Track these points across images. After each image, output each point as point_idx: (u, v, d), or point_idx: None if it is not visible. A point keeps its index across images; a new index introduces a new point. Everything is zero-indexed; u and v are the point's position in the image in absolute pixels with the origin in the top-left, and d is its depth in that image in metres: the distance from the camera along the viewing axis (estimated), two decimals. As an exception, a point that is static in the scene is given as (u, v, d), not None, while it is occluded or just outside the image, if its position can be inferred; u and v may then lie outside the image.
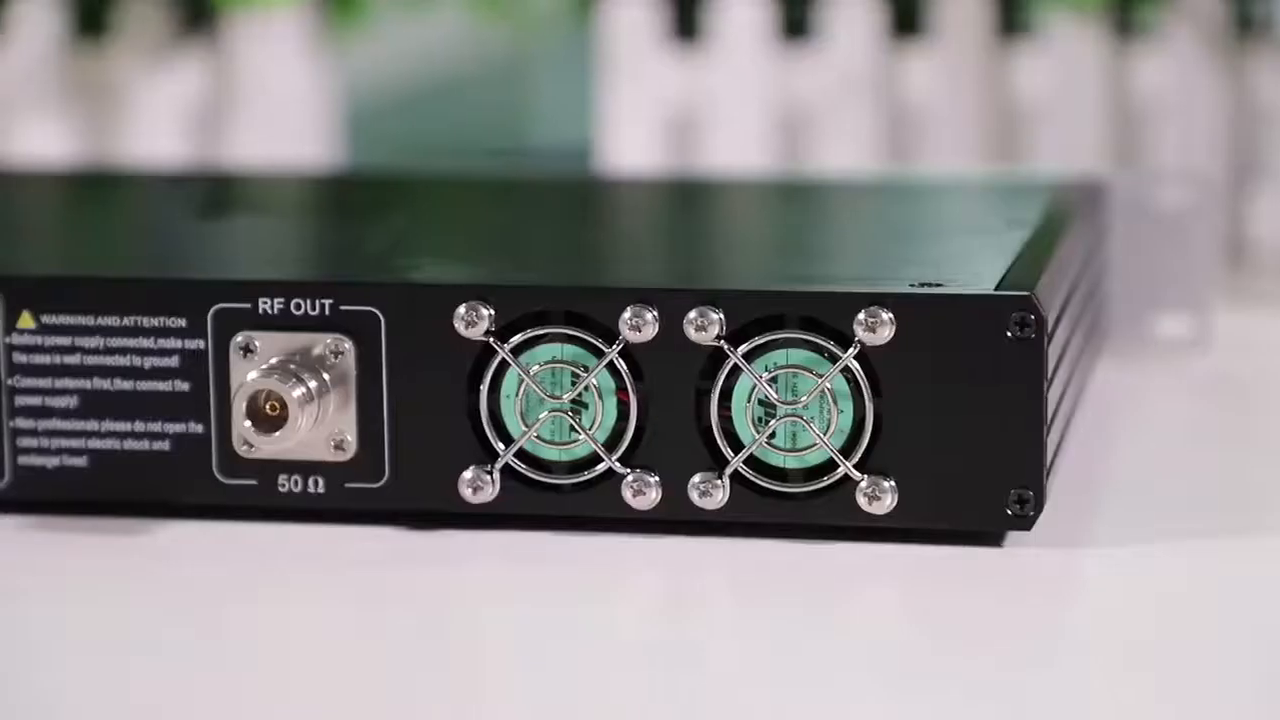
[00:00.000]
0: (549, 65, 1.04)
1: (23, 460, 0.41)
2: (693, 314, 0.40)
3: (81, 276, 0.42)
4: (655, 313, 0.40)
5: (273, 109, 0.72)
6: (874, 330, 0.39)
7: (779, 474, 0.40)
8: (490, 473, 0.40)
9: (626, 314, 0.40)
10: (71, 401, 0.41)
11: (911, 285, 0.40)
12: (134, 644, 0.36)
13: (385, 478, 0.41)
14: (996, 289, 0.39)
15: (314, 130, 0.72)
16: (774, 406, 0.40)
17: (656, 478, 0.40)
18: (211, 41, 0.72)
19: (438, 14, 0.78)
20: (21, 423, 0.41)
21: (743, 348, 0.40)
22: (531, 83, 1.10)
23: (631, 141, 0.72)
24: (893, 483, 0.39)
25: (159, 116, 0.72)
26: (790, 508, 0.40)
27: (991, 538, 0.40)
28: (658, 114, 0.72)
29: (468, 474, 0.40)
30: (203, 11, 0.72)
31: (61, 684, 0.34)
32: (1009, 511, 0.39)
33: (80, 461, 0.41)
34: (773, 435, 0.40)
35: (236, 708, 0.33)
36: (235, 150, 0.72)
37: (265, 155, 0.71)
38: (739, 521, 0.40)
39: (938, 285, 0.40)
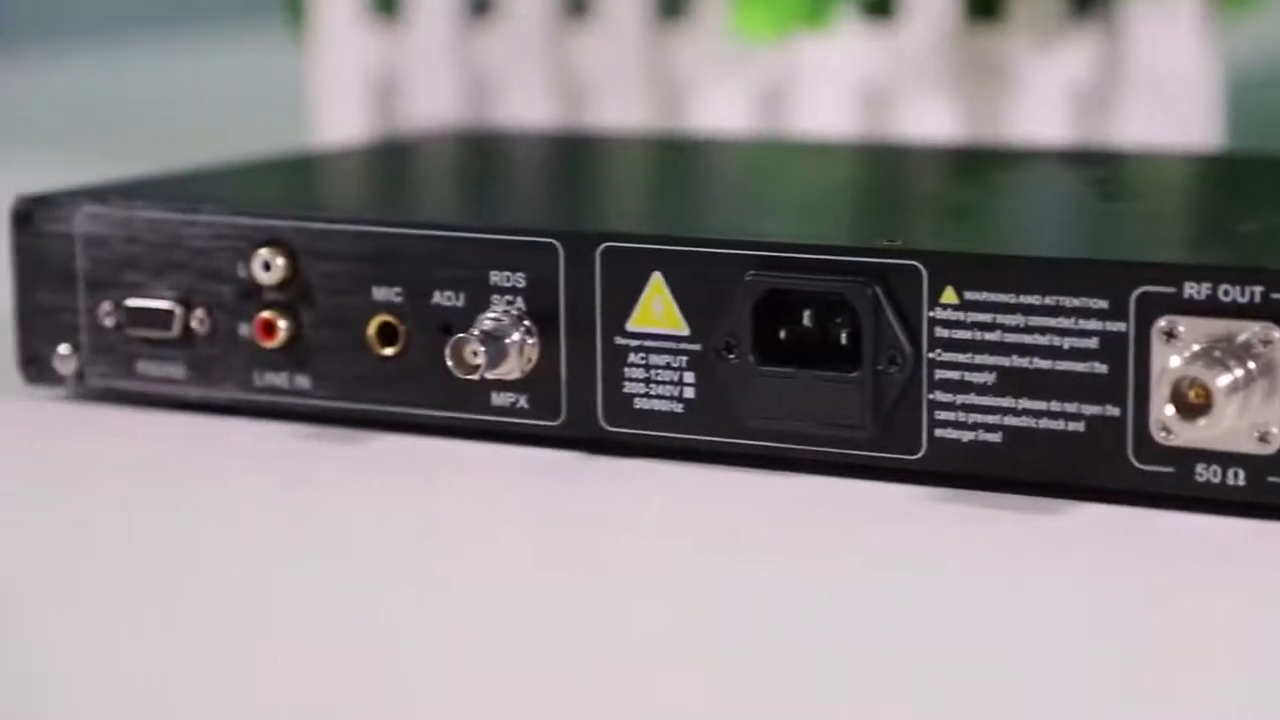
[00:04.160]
0: None
1: (939, 433, 0.42)
2: None
3: (1006, 255, 0.42)
4: None
5: (1160, 91, 0.70)
6: None
7: None
8: None
9: None
10: (989, 378, 0.42)
11: None
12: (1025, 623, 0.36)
13: (1309, 474, 0.39)
14: None
15: (1197, 112, 0.70)
16: None
17: None
18: (1105, 24, 0.72)
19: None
20: (940, 396, 0.42)
21: None
22: None
23: None
24: None
25: (1047, 97, 0.72)
26: None
27: None
28: None
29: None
30: (1096, -7, 0.72)
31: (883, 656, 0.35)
32: None
33: (994, 437, 0.42)
34: None
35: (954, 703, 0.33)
36: (1120, 132, 0.71)
37: (1148, 137, 0.70)
38: None
39: None
